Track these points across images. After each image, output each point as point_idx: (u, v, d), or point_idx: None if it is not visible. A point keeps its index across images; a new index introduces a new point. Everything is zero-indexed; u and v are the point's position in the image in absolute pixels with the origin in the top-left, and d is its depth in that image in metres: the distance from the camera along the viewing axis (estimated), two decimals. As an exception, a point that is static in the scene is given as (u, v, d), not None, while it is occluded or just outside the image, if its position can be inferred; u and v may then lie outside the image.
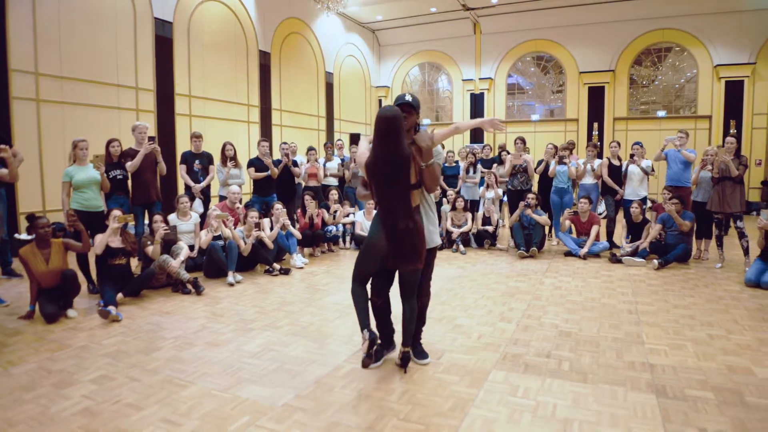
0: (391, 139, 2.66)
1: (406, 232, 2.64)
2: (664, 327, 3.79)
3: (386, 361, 3.12)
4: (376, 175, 2.73)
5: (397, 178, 2.67)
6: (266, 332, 3.72)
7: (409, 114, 2.86)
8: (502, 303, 4.43)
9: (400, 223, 2.65)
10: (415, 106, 2.89)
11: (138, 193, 5.77)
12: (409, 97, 2.88)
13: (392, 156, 2.65)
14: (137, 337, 3.67)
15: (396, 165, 2.65)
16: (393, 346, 3.17)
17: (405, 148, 2.67)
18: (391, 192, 2.68)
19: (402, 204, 2.68)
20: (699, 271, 5.80)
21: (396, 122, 2.68)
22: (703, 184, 6.31)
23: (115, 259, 4.77)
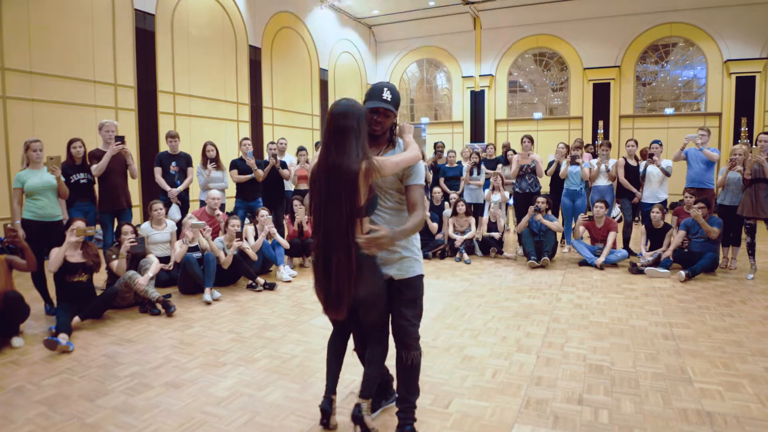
0: (338, 144, 1.98)
1: (337, 270, 1.99)
2: (709, 358, 3.21)
3: (384, 411, 2.53)
4: (315, 190, 2.05)
5: (338, 199, 1.97)
6: (239, 368, 3.12)
7: (384, 117, 2.14)
8: (517, 327, 3.84)
9: (334, 256, 1.99)
10: (393, 106, 2.14)
11: (106, 199, 5.17)
12: (387, 93, 2.12)
13: (337, 167, 1.96)
14: (86, 375, 3.07)
15: (338, 180, 1.95)
16: (392, 396, 2.57)
17: (354, 159, 1.95)
18: (330, 215, 1.99)
19: (339, 232, 1.98)
20: (730, 283, 5.22)
21: (346, 122, 1.98)
22: (731, 186, 5.74)
23: (74, 275, 4.18)
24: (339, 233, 1.97)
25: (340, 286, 1.99)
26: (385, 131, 2.19)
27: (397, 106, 2.17)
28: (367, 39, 15.75)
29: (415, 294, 2.23)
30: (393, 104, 2.15)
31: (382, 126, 2.16)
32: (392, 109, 2.14)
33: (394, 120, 2.22)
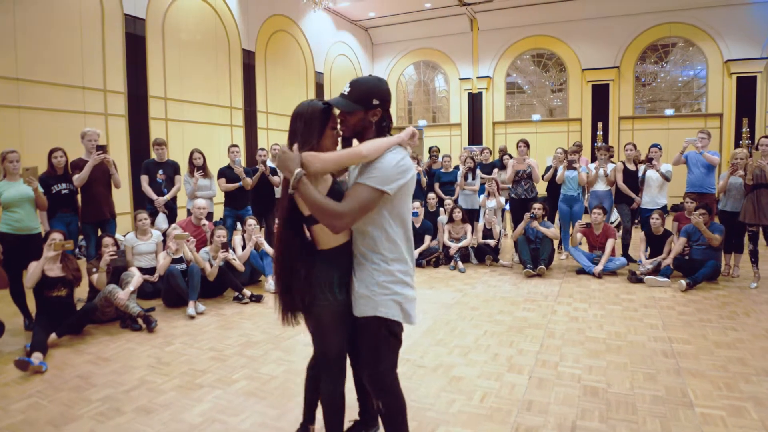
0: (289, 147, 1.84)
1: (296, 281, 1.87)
2: (711, 378, 3.05)
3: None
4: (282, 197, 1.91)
5: (284, 205, 1.86)
6: (216, 391, 2.97)
7: (344, 115, 1.89)
8: (509, 343, 3.68)
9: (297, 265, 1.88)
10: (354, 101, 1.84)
11: (89, 209, 5.03)
12: (347, 88, 1.85)
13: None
14: (55, 399, 2.92)
15: (286, 185, 1.79)
16: (376, 426, 2.38)
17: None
18: (283, 223, 1.88)
19: (293, 242, 1.88)
20: (732, 292, 5.06)
21: (293, 125, 1.85)
22: (733, 191, 5.57)
23: (53, 290, 4.04)
24: (291, 244, 1.88)
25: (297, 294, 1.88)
26: (357, 131, 1.89)
27: (361, 99, 1.83)
28: (363, 41, 15.62)
29: (371, 338, 1.88)
30: (353, 99, 1.83)
31: (346, 126, 1.89)
32: (348, 106, 1.84)
33: (364, 116, 1.86)
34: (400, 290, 1.86)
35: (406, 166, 1.82)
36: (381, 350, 1.90)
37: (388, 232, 1.84)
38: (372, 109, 1.86)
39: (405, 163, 1.82)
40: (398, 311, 1.86)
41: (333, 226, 1.74)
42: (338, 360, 1.99)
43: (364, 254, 1.87)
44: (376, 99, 1.85)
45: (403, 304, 1.88)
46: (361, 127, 1.89)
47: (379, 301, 1.84)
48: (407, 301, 1.89)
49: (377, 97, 1.85)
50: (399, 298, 1.86)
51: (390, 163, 1.79)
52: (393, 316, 1.85)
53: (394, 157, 1.81)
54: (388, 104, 1.90)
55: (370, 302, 1.85)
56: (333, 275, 1.89)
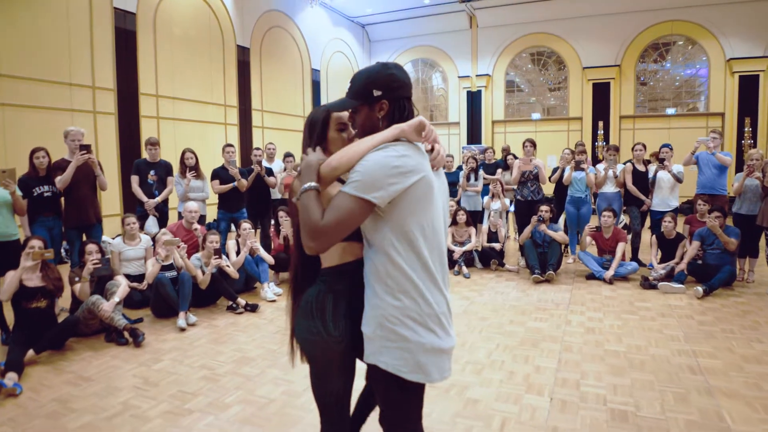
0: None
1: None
2: (746, 399, 2.81)
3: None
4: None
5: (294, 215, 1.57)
6: (207, 417, 2.70)
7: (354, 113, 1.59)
8: (525, 358, 3.43)
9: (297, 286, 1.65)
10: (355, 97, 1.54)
11: (72, 213, 4.73)
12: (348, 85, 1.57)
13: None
14: (29, 427, 2.64)
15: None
16: None
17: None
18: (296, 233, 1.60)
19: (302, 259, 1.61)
20: (750, 299, 4.84)
21: (303, 132, 1.69)
22: (749, 194, 5.36)
23: (31, 301, 3.74)
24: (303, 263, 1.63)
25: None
26: (368, 130, 1.54)
27: (359, 94, 1.53)
28: (360, 38, 15.34)
29: (379, 391, 1.54)
30: (351, 95, 1.55)
31: (356, 127, 1.60)
32: (345, 105, 1.57)
33: (369, 112, 1.54)
34: (410, 335, 1.42)
35: (406, 166, 1.40)
36: (394, 407, 1.53)
37: (391, 255, 1.43)
38: (375, 102, 1.53)
39: (404, 162, 1.40)
40: (405, 363, 1.42)
41: (306, 245, 1.40)
42: (329, 408, 1.61)
43: (369, 282, 1.49)
44: (376, 89, 1.52)
45: (416, 355, 1.42)
46: (370, 125, 1.54)
47: (382, 347, 1.45)
48: (423, 352, 1.42)
49: (377, 87, 1.51)
50: (409, 346, 1.42)
51: (378, 162, 1.39)
52: (396, 369, 1.43)
53: (386, 154, 1.40)
54: (396, 92, 1.52)
55: (372, 345, 1.47)
56: (327, 302, 1.54)
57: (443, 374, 1.47)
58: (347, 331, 1.53)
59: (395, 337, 1.43)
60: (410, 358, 1.42)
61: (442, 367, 1.47)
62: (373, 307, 1.47)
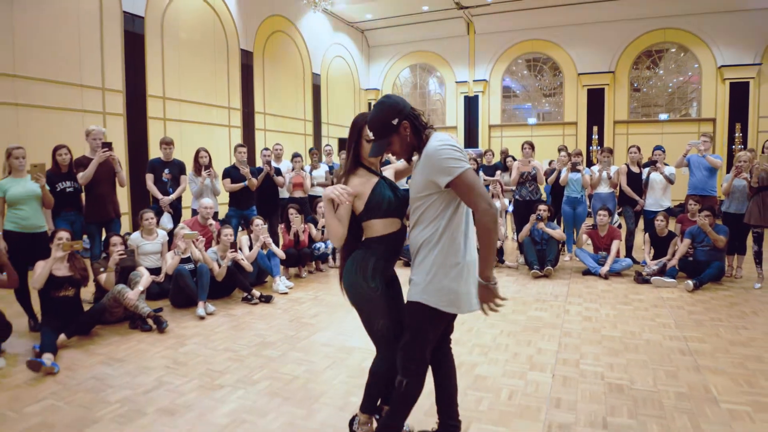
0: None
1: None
2: (731, 375, 3.07)
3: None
4: None
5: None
6: (238, 391, 2.92)
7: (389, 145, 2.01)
8: (527, 342, 3.68)
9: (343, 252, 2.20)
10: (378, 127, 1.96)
11: (93, 208, 4.94)
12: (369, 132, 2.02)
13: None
14: (72, 401, 2.85)
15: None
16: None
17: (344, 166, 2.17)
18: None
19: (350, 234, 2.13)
20: (738, 292, 5.12)
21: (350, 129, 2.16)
22: (737, 193, 5.64)
23: (60, 290, 3.95)
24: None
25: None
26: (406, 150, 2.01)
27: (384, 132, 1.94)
28: (359, 43, 15.63)
29: (414, 319, 2.00)
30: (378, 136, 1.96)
31: (395, 152, 2.03)
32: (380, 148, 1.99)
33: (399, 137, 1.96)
34: (446, 282, 1.92)
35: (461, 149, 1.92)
36: (421, 334, 2.00)
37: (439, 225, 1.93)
38: (398, 128, 1.94)
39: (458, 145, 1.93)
40: (442, 301, 1.93)
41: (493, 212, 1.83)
42: (383, 339, 2.11)
43: (418, 244, 1.98)
44: (394, 119, 1.93)
45: (450, 295, 1.93)
46: (406, 145, 1.99)
47: (426, 289, 1.94)
48: (455, 293, 1.93)
49: (393, 117, 1.93)
50: (446, 289, 1.92)
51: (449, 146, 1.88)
52: (436, 304, 1.93)
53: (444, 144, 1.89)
54: (405, 111, 1.95)
55: (417, 288, 1.96)
56: (368, 261, 2.05)
57: (470, 308, 1.97)
58: (382, 283, 2.06)
59: (437, 283, 1.92)
60: (446, 297, 1.92)
61: (469, 303, 1.96)
62: (421, 261, 1.97)
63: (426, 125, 1.97)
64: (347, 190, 1.98)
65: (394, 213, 2.07)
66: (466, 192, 1.82)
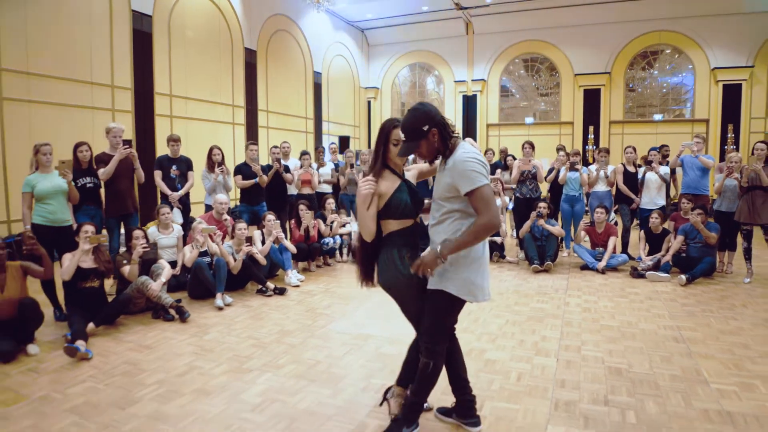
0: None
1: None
2: (721, 360, 3.33)
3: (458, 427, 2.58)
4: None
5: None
6: (266, 374, 3.14)
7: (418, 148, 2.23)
8: (531, 330, 3.92)
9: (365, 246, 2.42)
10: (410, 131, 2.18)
11: (112, 203, 5.13)
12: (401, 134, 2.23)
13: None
14: (110, 383, 3.06)
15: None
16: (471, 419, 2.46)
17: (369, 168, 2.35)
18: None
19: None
20: (728, 286, 5.39)
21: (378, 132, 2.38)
22: (728, 193, 5.91)
23: (86, 281, 4.14)
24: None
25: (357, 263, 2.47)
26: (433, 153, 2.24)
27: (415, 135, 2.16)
28: (359, 43, 15.81)
29: (431, 306, 2.25)
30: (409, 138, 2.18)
31: (422, 154, 2.25)
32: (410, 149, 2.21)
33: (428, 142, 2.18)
34: (465, 273, 2.18)
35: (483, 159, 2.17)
36: (440, 319, 2.26)
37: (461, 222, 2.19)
38: (427, 134, 2.17)
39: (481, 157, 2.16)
40: (461, 290, 2.18)
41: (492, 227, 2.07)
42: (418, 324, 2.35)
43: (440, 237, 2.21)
44: (425, 125, 2.16)
45: (468, 285, 2.19)
46: (433, 149, 2.22)
47: (447, 279, 2.19)
48: (472, 284, 2.19)
49: (425, 123, 2.15)
50: (464, 280, 2.18)
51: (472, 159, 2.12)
52: (456, 293, 2.19)
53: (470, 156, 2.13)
54: (438, 120, 2.18)
55: (440, 277, 2.21)
56: (393, 252, 2.29)
57: (485, 298, 2.25)
58: (409, 269, 2.24)
59: (457, 273, 2.18)
60: (465, 287, 2.19)
61: (484, 293, 2.24)
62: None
63: (453, 134, 2.20)
64: (371, 180, 2.23)
65: (409, 215, 2.32)
66: (481, 204, 2.05)
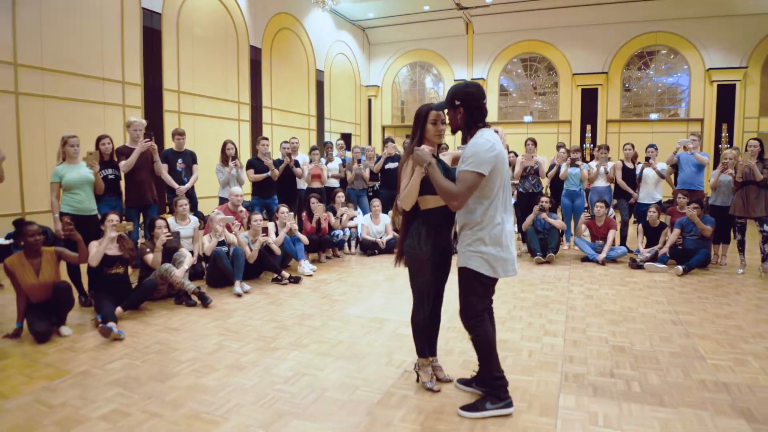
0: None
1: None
2: (716, 340, 3.57)
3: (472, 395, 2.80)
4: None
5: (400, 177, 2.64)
6: (293, 352, 3.35)
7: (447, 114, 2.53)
8: (539, 314, 4.15)
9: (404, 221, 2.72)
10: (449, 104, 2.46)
11: (132, 194, 5.31)
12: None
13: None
14: (146, 360, 3.25)
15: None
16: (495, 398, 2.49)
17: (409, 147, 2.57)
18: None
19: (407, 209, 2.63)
20: (722, 277, 5.64)
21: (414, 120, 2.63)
22: (723, 188, 6.16)
23: (111, 268, 4.33)
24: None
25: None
26: (456, 126, 2.47)
27: (449, 101, 2.42)
28: (360, 41, 16.00)
29: (462, 283, 2.48)
30: (447, 102, 2.45)
31: (450, 123, 2.51)
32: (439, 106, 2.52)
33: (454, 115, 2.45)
34: (485, 249, 2.39)
35: (494, 147, 2.32)
36: (470, 294, 2.45)
37: (482, 203, 2.38)
38: (455, 108, 2.41)
39: (492, 145, 2.32)
40: (482, 266, 2.39)
41: (451, 206, 2.33)
42: (420, 294, 2.63)
43: (462, 219, 2.45)
44: (457, 100, 2.41)
45: (490, 261, 2.38)
46: (455, 123, 2.47)
47: (470, 257, 2.42)
48: (493, 259, 2.39)
49: (458, 98, 2.41)
50: (485, 256, 2.39)
51: (479, 147, 2.29)
52: (478, 269, 2.39)
53: (481, 142, 2.32)
54: (469, 104, 2.39)
55: (463, 256, 2.45)
56: (422, 230, 2.55)
57: (507, 273, 2.42)
58: (430, 249, 2.55)
59: (477, 251, 2.39)
60: (485, 263, 2.38)
61: (506, 269, 2.42)
62: (465, 233, 2.45)
63: (479, 123, 2.40)
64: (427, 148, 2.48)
65: None
66: (461, 184, 2.27)
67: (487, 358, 2.49)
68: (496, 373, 2.49)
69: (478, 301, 2.46)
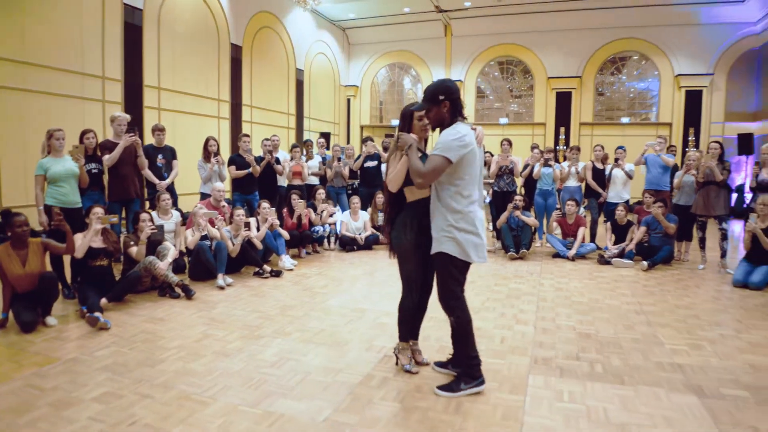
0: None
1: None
2: (675, 327, 3.83)
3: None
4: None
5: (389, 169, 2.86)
6: (277, 339, 3.48)
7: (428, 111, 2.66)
8: (511, 305, 4.37)
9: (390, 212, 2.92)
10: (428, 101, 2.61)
11: (116, 188, 5.35)
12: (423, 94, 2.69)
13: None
14: (134, 348, 3.34)
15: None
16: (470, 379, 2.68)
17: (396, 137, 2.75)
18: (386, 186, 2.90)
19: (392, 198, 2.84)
20: (684, 272, 5.97)
21: (400, 119, 2.85)
22: (686, 188, 6.50)
23: (96, 260, 4.39)
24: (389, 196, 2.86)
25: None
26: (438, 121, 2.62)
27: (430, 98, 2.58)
28: (341, 42, 16.12)
29: (436, 269, 2.67)
30: (425, 100, 2.61)
31: (430, 119, 2.66)
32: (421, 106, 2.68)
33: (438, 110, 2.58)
34: (458, 235, 2.54)
35: (464, 140, 2.49)
36: (446, 278, 2.61)
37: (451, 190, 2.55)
38: (440, 103, 2.56)
39: (464, 138, 2.49)
40: (456, 250, 2.55)
41: (415, 181, 2.52)
42: (408, 281, 2.80)
43: (436, 206, 2.63)
44: (440, 95, 2.58)
45: (462, 245, 2.55)
46: (440, 118, 2.62)
47: (443, 242, 2.57)
48: (465, 244, 2.55)
49: (441, 93, 2.58)
50: (458, 241, 2.54)
51: (450, 137, 2.49)
52: (451, 253, 2.55)
53: (453, 133, 2.50)
54: (452, 96, 2.58)
55: (437, 242, 2.60)
56: (407, 220, 2.74)
57: (480, 259, 2.60)
58: (414, 237, 2.72)
59: (450, 236, 2.55)
60: (458, 248, 2.55)
61: (478, 254, 2.59)
62: (438, 220, 2.61)
63: (459, 115, 2.60)
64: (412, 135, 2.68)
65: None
66: (429, 165, 2.45)
67: (464, 340, 2.67)
68: (471, 353, 2.67)
69: (454, 284, 2.62)
